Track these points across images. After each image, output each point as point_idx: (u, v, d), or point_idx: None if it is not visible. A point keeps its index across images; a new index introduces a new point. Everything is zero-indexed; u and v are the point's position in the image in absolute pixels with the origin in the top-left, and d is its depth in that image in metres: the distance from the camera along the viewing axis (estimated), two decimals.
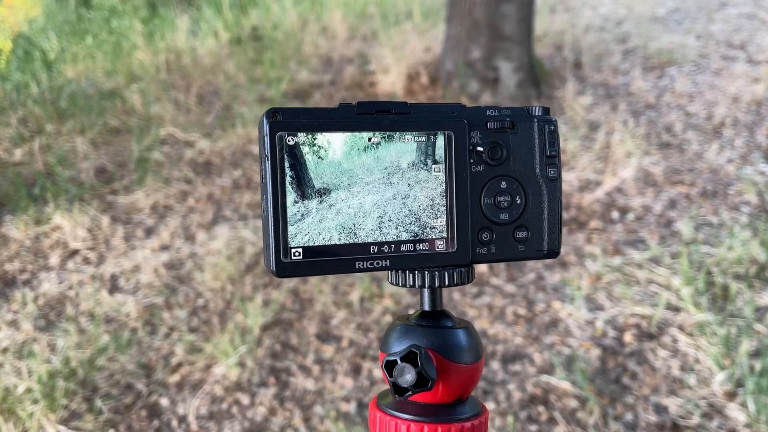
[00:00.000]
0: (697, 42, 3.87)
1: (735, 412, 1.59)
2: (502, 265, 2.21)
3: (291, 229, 0.34)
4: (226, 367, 1.82)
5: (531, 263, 2.21)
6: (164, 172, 2.81)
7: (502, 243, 0.37)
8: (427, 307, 0.37)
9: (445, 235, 0.36)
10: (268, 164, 0.34)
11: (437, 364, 0.33)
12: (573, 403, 1.68)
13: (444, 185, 0.36)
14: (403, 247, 0.36)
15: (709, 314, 1.86)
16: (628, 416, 1.64)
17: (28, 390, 1.72)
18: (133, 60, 3.92)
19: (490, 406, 1.71)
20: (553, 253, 0.39)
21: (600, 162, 2.74)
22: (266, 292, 2.11)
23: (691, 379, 1.71)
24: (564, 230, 2.37)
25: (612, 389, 1.71)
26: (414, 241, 0.36)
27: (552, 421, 1.65)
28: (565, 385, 1.72)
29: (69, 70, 3.90)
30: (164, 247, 2.37)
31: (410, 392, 0.32)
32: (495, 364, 1.84)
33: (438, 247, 0.36)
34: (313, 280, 2.15)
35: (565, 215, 2.45)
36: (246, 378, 1.81)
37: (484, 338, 1.93)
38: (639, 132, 2.94)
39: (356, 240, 0.35)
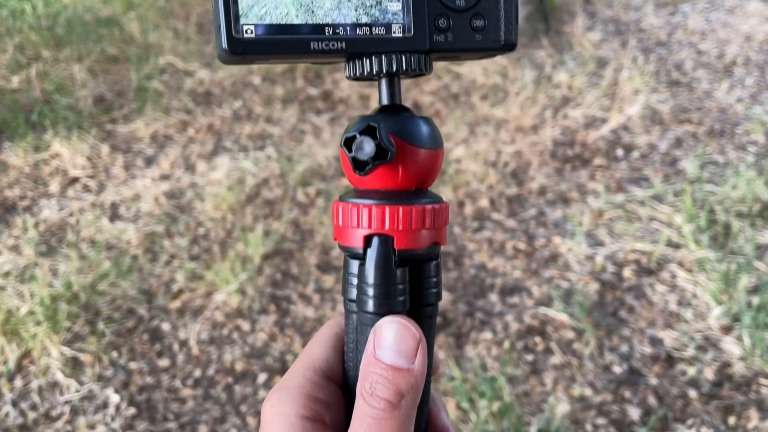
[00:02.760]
0: None
1: (730, 346, 1.61)
2: (503, 199, 2.20)
3: (243, 3, 0.32)
4: (227, 294, 1.84)
5: (532, 199, 2.20)
6: (164, 102, 2.77)
7: (459, 31, 0.35)
8: (386, 101, 0.36)
9: (401, 20, 0.34)
10: None
11: (397, 146, 0.33)
12: (570, 335, 1.70)
13: None
14: (359, 30, 0.34)
15: (710, 251, 1.86)
16: (624, 348, 1.66)
17: (31, 312, 1.74)
18: None
19: (487, 335, 1.73)
20: (510, 45, 0.37)
21: (607, 99, 2.69)
22: (267, 223, 2.11)
23: (688, 314, 1.72)
24: (567, 167, 2.35)
25: (609, 322, 1.73)
26: (370, 25, 0.34)
27: (548, 351, 1.67)
28: (563, 317, 1.74)
29: None
30: (164, 177, 2.35)
31: (370, 165, 0.31)
32: (493, 297, 1.85)
33: (395, 32, 0.34)
34: (314, 212, 2.15)
35: (569, 152, 2.43)
36: (246, 305, 1.83)
37: (482, 271, 1.94)
38: (648, 69, 2.88)
39: (313, 19, 0.33)
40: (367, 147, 0.32)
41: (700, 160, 2.29)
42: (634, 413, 1.50)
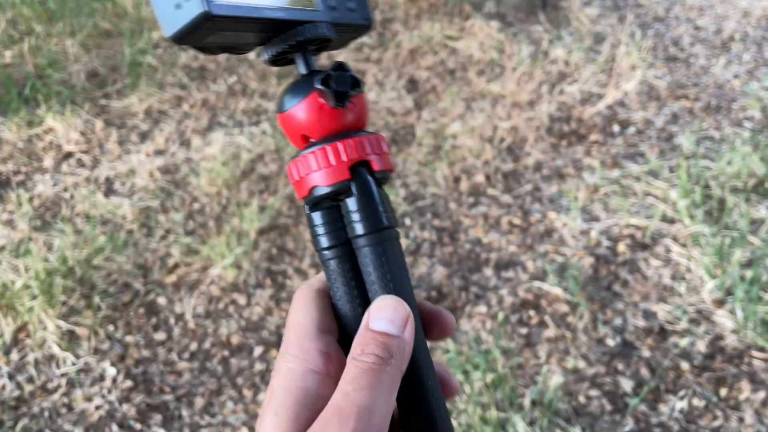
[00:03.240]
0: None
1: (723, 319, 1.62)
2: (499, 175, 2.20)
3: None
4: (223, 269, 1.84)
5: (528, 175, 2.20)
6: (158, 77, 2.74)
7: (344, 10, 0.39)
8: (315, 66, 0.38)
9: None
10: None
11: None
12: (564, 308, 1.71)
13: None
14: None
15: (704, 226, 1.86)
16: (617, 321, 1.67)
17: (26, 286, 1.74)
18: None
19: (481, 309, 1.74)
20: (372, 23, 0.41)
21: (604, 75, 2.68)
22: (262, 198, 2.11)
23: (682, 288, 1.73)
24: (563, 142, 2.35)
25: (603, 296, 1.74)
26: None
27: (542, 324, 1.68)
28: (557, 291, 1.75)
29: None
30: (159, 152, 2.34)
31: (349, 94, 0.34)
32: (488, 271, 1.86)
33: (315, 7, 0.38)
34: None
35: (565, 128, 2.42)
36: (242, 279, 1.83)
37: (478, 246, 1.95)
38: (645, 45, 2.86)
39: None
40: (348, 78, 0.34)
41: (696, 136, 2.28)
42: (626, 385, 1.52)
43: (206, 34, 0.33)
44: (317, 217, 0.37)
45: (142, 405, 1.54)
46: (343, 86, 0.34)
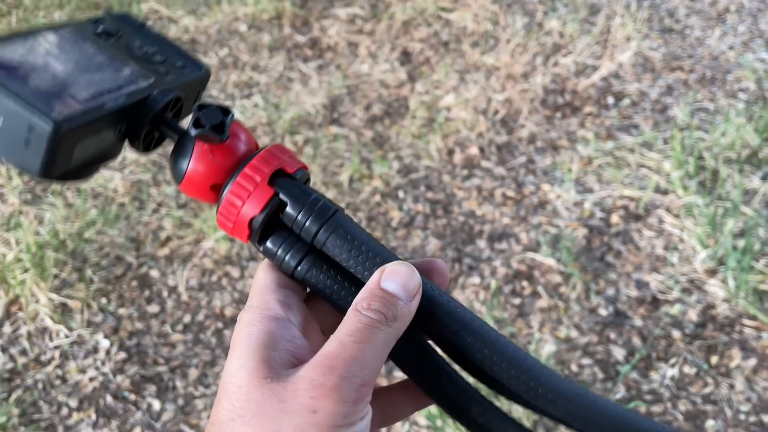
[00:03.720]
0: None
1: (714, 288, 1.63)
2: (493, 147, 2.19)
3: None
4: (215, 242, 1.83)
5: (522, 147, 2.19)
6: None
7: (174, 73, 0.40)
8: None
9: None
10: None
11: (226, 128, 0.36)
12: (557, 279, 1.71)
13: None
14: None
15: (697, 197, 1.86)
16: (610, 291, 1.68)
17: (18, 259, 1.73)
18: None
19: (475, 280, 1.74)
20: (207, 69, 0.42)
21: (598, 46, 2.66)
22: None
23: (674, 258, 1.73)
24: (557, 114, 2.33)
25: (596, 266, 1.74)
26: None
27: (535, 294, 1.69)
28: (550, 261, 1.75)
29: None
30: None
31: (226, 122, 0.34)
32: (482, 243, 1.86)
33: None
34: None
35: (559, 100, 2.40)
36: (235, 252, 1.82)
37: (471, 218, 1.94)
38: (641, 16, 2.83)
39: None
40: (214, 109, 0.34)
41: (691, 108, 2.28)
42: (618, 353, 1.53)
43: (68, 150, 0.32)
44: (271, 244, 0.36)
45: (136, 376, 1.54)
46: (214, 119, 0.34)
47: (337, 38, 2.77)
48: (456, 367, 0.37)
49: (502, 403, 1.13)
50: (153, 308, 1.70)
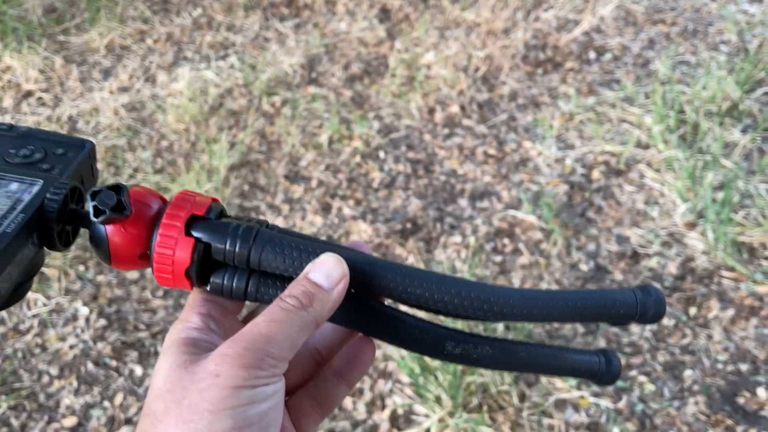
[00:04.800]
0: None
1: (694, 241, 1.64)
2: (474, 105, 2.17)
3: None
4: None
5: (503, 104, 2.17)
6: (118, 11, 2.63)
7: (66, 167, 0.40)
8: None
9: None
10: None
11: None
12: (538, 235, 1.71)
13: None
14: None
15: (678, 151, 1.86)
16: (591, 246, 1.68)
17: None
18: None
19: (456, 239, 1.73)
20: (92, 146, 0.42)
21: (580, 0, 2.62)
22: (232, 134, 2.05)
23: (654, 212, 1.74)
24: (538, 71, 2.31)
25: (576, 222, 1.74)
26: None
27: (516, 251, 1.69)
28: (531, 219, 1.75)
29: None
30: (123, 89, 2.26)
31: (123, 199, 0.34)
32: (463, 202, 1.85)
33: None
34: (280, 121, 2.09)
35: (540, 56, 2.37)
36: None
37: (453, 178, 1.93)
38: None
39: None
40: (105, 190, 0.34)
41: (672, 61, 2.26)
42: None
43: None
44: (215, 282, 0.37)
45: (117, 343, 1.53)
46: (111, 201, 0.34)
47: None
48: (421, 314, 0.40)
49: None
50: (132, 274, 1.68)
